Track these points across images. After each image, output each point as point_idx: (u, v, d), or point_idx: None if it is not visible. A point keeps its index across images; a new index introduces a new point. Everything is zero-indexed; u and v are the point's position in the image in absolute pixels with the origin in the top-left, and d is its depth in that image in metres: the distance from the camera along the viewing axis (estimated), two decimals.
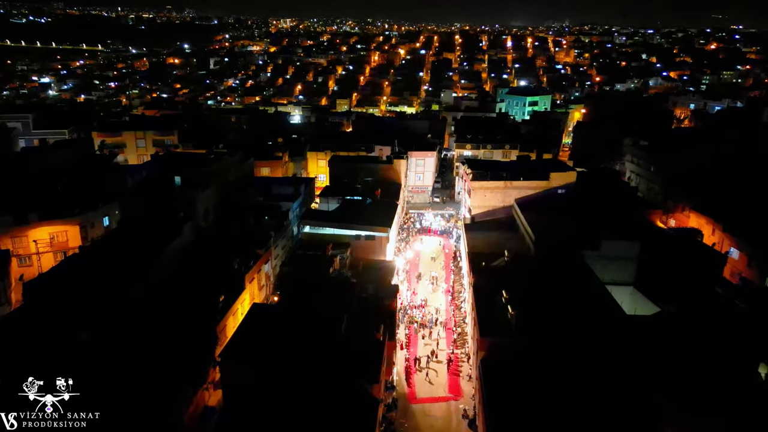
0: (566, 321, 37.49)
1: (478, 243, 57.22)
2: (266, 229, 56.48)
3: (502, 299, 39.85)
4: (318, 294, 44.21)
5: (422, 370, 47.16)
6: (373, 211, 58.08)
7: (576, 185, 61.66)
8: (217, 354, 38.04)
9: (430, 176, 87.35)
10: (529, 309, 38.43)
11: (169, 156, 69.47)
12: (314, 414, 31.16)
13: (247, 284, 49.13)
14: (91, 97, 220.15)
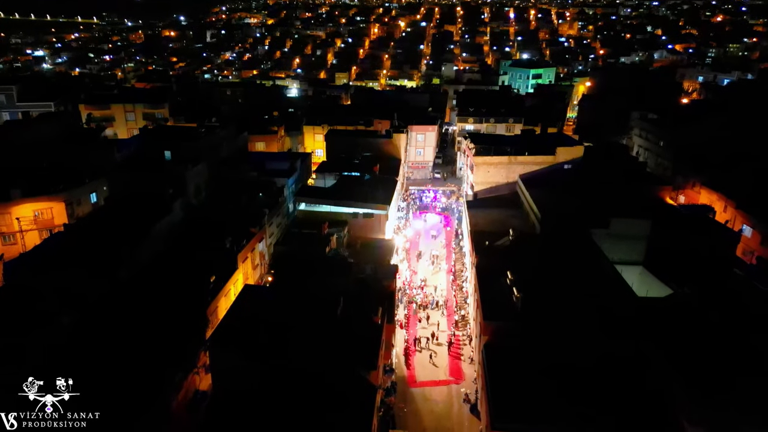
0: (575, 304, 35.50)
1: (480, 221, 55.05)
2: (260, 207, 54.22)
3: (506, 280, 37.82)
4: (313, 275, 42.21)
5: (422, 350, 45.39)
6: (371, 188, 55.69)
7: (583, 160, 59.14)
8: (208, 337, 36.18)
9: (431, 151, 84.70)
10: (535, 291, 36.43)
11: (158, 130, 66.69)
12: (309, 402, 29.41)
13: (240, 264, 47.08)
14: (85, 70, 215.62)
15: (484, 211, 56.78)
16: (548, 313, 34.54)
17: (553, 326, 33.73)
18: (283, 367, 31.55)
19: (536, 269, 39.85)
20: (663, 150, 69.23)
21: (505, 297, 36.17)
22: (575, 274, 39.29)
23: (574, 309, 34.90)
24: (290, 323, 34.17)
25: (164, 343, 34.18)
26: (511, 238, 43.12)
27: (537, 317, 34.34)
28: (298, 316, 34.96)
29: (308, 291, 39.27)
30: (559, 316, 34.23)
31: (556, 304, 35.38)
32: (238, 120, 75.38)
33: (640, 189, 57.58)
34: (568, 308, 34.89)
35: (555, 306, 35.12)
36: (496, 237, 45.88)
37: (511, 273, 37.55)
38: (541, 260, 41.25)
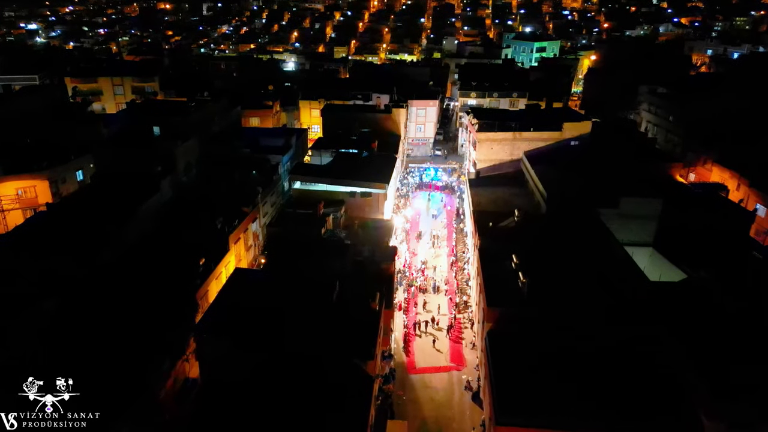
0: (583, 288, 33.54)
1: (483, 200, 52.85)
2: (254, 185, 51.95)
3: (511, 264, 35.76)
4: (308, 257, 40.22)
5: (422, 335, 43.61)
6: (369, 166, 53.30)
7: (591, 137, 56.62)
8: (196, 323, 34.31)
9: (432, 127, 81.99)
10: (542, 274, 34.43)
11: (147, 104, 63.89)
12: (302, 393, 27.65)
13: (232, 245, 45.03)
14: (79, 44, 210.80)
15: (486, 190, 54.55)
16: (556, 298, 32.61)
17: (561, 312, 31.83)
18: (274, 356, 29.74)
19: (542, 251, 37.79)
20: (673, 125, 66.58)
21: (510, 281, 34.13)
22: (584, 257, 37.24)
23: (584, 294, 32.95)
24: (283, 309, 32.29)
25: (151, 328, 32.41)
26: (516, 219, 40.93)
27: (544, 303, 32.41)
28: (291, 301, 33.05)
29: (302, 274, 37.35)
30: (568, 301, 32.30)
31: (564, 288, 33.42)
32: (232, 94, 72.59)
33: (650, 166, 55.18)
34: (576, 293, 32.94)
35: (563, 291, 33.16)
36: (500, 217, 43.71)
37: (516, 256, 35.48)
38: (547, 242, 39.16)
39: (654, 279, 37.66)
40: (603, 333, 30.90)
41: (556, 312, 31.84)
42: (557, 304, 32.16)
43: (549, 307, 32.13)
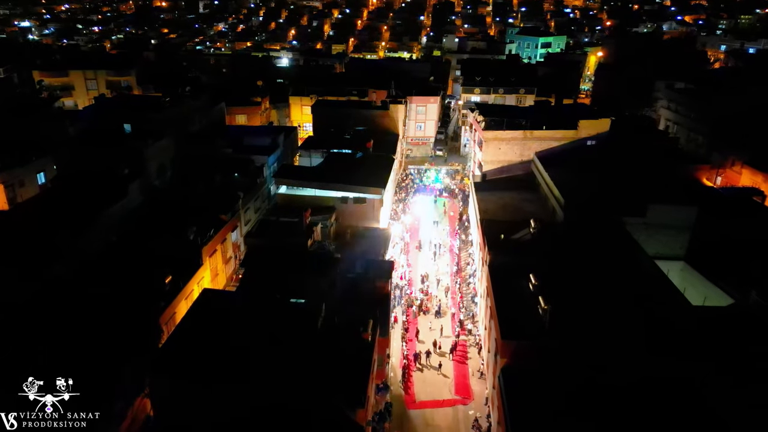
0: (616, 315, 28.12)
1: (490, 206, 47.45)
2: (235, 189, 46.61)
3: (528, 285, 30.31)
4: (291, 274, 34.72)
5: (423, 369, 38.13)
6: (364, 168, 47.80)
7: (609, 135, 51.16)
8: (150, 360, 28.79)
9: (432, 126, 76.45)
10: (565, 298, 29.01)
11: (117, 99, 58.27)
12: None
13: (207, 259, 39.66)
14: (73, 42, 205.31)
15: (494, 195, 49.14)
16: (583, 328, 27.19)
17: (590, 345, 26.44)
18: (244, 399, 24.36)
19: (563, 269, 32.39)
20: (696, 123, 61.10)
21: (528, 307, 28.71)
22: (612, 276, 31.83)
23: (616, 322, 27.53)
24: (258, 340, 26.89)
25: (103, 360, 27.06)
26: (533, 230, 35.41)
27: (569, 334, 27.00)
28: (269, 329, 27.65)
29: (284, 295, 31.92)
30: (598, 331, 26.89)
31: (592, 315, 28.01)
32: (218, 90, 67.12)
33: (675, 169, 49.79)
34: (608, 321, 27.52)
35: (591, 318, 27.74)
36: (512, 227, 38.24)
37: (535, 276, 30.01)
38: (568, 257, 33.74)
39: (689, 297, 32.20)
40: (641, 371, 25.52)
41: (585, 345, 26.47)
42: (585, 336, 26.76)
43: (576, 339, 26.74)
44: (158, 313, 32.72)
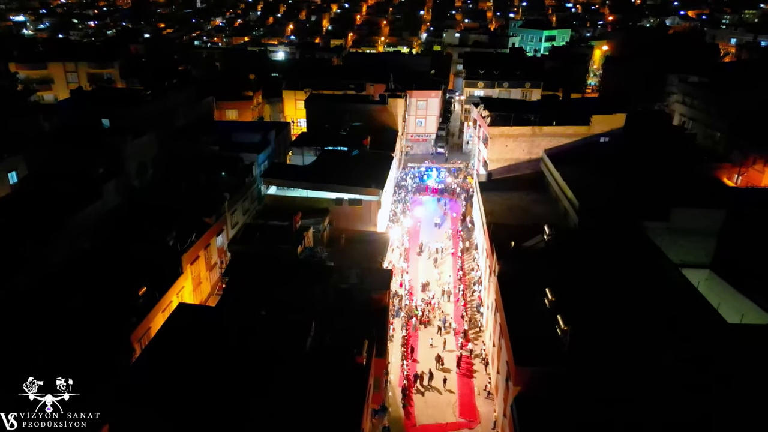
0: (643, 338, 24.73)
1: (496, 207, 44.08)
2: (222, 189, 43.17)
3: (544, 300, 26.87)
4: (279, 285, 31.34)
5: (425, 391, 34.69)
6: (360, 167, 44.31)
7: (624, 132, 47.67)
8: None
9: (434, 121, 72.97)
10: (586, 316, 25.61)
11: (97, 92, 54.63)
12: None
13: (188, 267, 36.23)
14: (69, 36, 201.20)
15: (500, 196, 45.74)
16: (607, 353, 23.78)
17: (615, 374, 23.06)
18: None
19: (582, 281, 28.96)
20: (714, 119, 57.54)
21: (543, 327, 25.27)
22: (637, 290, 28.41)
23: (644, 347, 24.13)
24: (237, 363, 23.57)
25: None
26: (547, 238, 31.90)
27: (591, 360, 23.61)
28: (251, 351, 24.32)
29: (269, 310, 28.56)
30: (623, 358, 23.49)
31: (618, 338, 24.59)
32: (208, 84, 63.59)
33: (694, 168, 46.31)
34: (634, 346, 24.13)
35: (616, 342, 24.34)
36: (522, 232, 34.74)
37: (551, 291, 26.56)
38: (586, 268, 30.30)
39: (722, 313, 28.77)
40: (674, 408, 22.13)
41: (610, 374, 23.07)
42: (610, 363, 23.34)
43: (599, 366, 23.33)
44: (130, 329, 29.34)
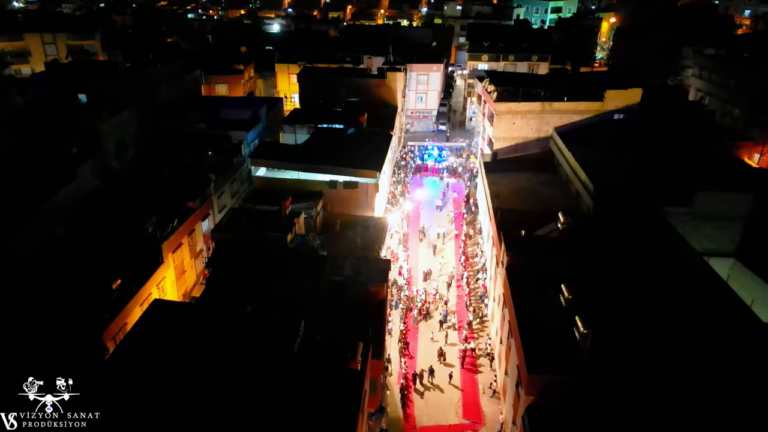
0: (670, 337, 22.09)
1: (503, 190, 41.12)
2: (209, 170, 40.12)
3: (560, 298, 24.12)
4: (266, 278, 28.62)
5: (425, 390, 32.21)
6: (356, 146, 41.18)
7: (640, 108, 44.40)
8: None
9: (435, 97, 69.42)
10: (606, 315, 22.93)
11: (74, 65, 50.97)
12: None
13: (169, 255, 33.41)
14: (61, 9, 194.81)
15: (507, 177, 42.75)
16: (631, 358, 21.14)
17: (640, 382, 20.44)
18: None
19: (602, 276, 26.18)
20: (732, 94, 54.16)
21: (559, 328, 22.58)
22: (661, 284, 25.66)
23: (673, 350, 21.50)
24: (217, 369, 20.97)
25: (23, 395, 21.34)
26: (562, 226, 28.99)
27: (614, 366, 20.97)
28: (233, 354, 21.70)
29: (254, 306, 25.92)
30: (650, 364, 20.88)
31: (643, 341, 21.94)
32: (198, 57, 59.88)
33: (715, 147, 43.19)
34: (662, 349, 21.49)
35: (641, 346, 21.69)
36: (532, 219, 31.87)
37: (566, 287, 23.79)
38: (604, 259, 27.50)
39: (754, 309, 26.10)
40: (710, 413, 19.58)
41: (635, 382, 20.45)
42: (635, 370, 20.71)
43: (623, 373, 20.70)
44: (102, 328, 26.69)
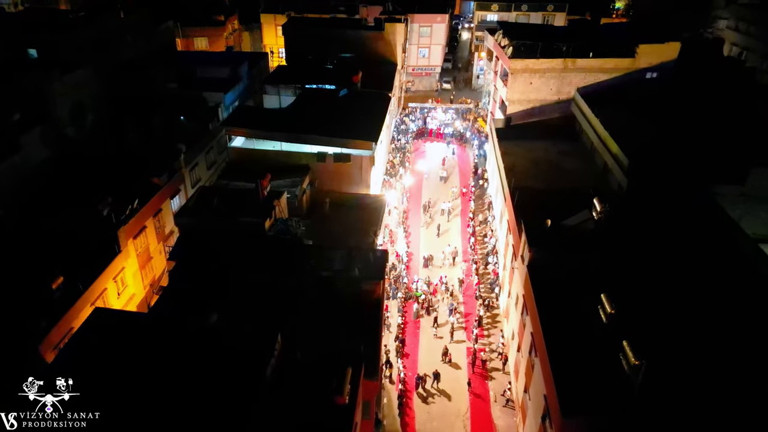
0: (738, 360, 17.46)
1: (518, 161, 35.92)
2: (180, 139, 34.82)
3: (599, 313, 19.28)
4: (239, 275, 23.83)
5: (428, 397, 27.92)
6: (349, 111, 35.57)
7: (676, 66, 38.54)
8: None
9: (439, 51, 62.99)
10: (657, 332, 18.23)
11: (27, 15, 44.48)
12: None
13: (129, 242, 28.56)
14: None
15: (522, 146, 37.43)
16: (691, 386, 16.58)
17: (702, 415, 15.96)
18: None
19: (646, 275, 21.28)
20: None
21: (600, 354, 17.87)
22: (720, 285, 20.84)
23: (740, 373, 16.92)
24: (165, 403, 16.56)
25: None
26: (597, 215, 23.86)
27: (672, 404, 16.41)
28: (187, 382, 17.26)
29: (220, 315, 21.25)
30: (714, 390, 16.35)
31: (705, 362, 17.32)
32: (172, 6, 53.32)
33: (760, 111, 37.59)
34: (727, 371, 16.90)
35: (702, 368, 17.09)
36: (555, 201, 26.76)
37: (608, 299, 18.93)
38: (647, 253, 22.54)
39: None
40: None
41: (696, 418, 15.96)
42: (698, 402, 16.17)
43: (684, 415, 16.15)
44: (39, 338, 22.14)
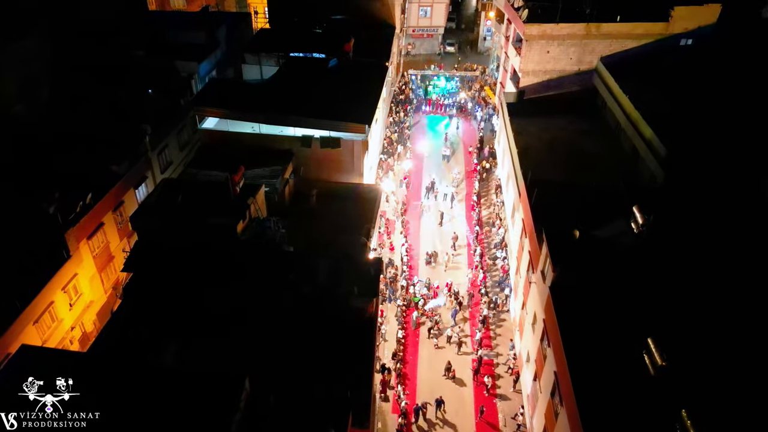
0: None
1: (532, 142, 31.69)
2: (146, 117, 30.41)
3: (646, 358, 15.41)
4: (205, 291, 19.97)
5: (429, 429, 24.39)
6: (340, 85, 30.82)
7: (716, 31, 33.59)
8: None
9: (442, 11, 57.38)
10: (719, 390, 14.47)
11: None
12: None
13: (83, 244, 24.66)
14: None
15: (537, 124, 33.05)
16: None
17: None
18: None
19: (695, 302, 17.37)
20: None
21: (644, 417, 14.15)
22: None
23: None
24: None
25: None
26: (638, 230, 19.59)
27: None
28: None
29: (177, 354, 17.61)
30: None
31: None
32: None
33: None
34: None
35: None
36: (579, 198, 22.61)
37: (656, 345, 15.03)
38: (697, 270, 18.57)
39: None
40: None
41: None
42: None
43: None
44: None
